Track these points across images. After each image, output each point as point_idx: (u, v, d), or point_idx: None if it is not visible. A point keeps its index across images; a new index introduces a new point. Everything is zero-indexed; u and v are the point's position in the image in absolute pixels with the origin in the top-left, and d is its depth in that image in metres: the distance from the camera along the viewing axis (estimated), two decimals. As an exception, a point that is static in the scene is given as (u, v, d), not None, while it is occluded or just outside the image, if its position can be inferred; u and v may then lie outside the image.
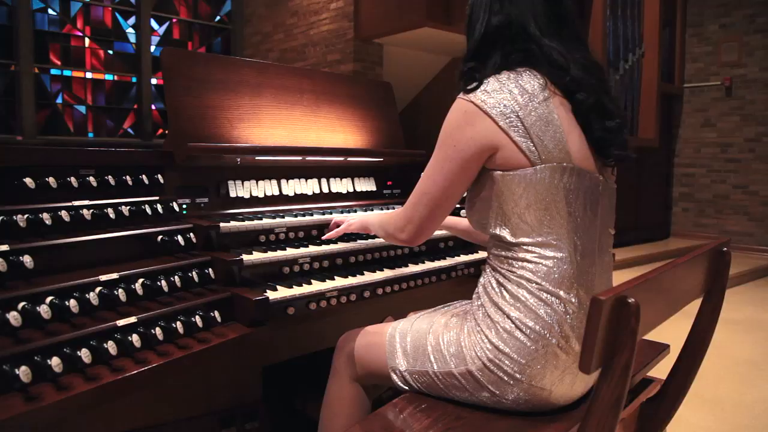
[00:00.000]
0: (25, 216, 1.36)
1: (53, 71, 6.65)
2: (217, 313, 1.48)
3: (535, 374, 1.19)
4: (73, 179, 1.53)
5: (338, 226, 1.82)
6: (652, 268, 1.09)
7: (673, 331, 1.78)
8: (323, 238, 1.86)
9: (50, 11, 6.61)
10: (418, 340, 1.36)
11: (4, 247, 1.27)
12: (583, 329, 1.17)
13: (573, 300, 1.19)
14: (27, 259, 1.27)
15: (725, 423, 2.58)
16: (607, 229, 1.31)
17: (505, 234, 1.23)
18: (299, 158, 2.12)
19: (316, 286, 1.66)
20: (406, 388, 1.37)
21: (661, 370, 1.56)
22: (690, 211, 7.65)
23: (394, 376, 1.38)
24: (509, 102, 1.19)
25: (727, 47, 7.19)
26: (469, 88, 1.24)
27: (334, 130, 2.34)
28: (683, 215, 7.73)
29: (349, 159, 2.29)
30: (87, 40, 6.90)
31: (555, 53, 1.23)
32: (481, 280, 1.33)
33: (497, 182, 1.22)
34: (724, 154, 7.28)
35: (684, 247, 6.57)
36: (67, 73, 6.75)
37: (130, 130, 7.23)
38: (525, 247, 1.21)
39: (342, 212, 2.06)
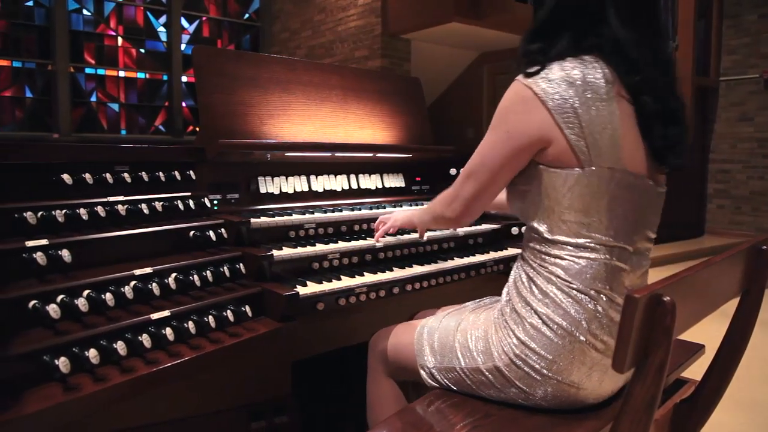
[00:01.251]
0: (63, 211, 1.39)
1: (88, 70, 6.81)
2: (248, 308, 1.50)
3: (562, 370, 1.17)
4: (108, 175, 1.56)
5: (384, 223, 1.81)
6: (687, 266, 1.06)
7: (708, 331, 1.73)
8: (375, 239, 1.83)
9: (85, 12, 6.77)
10: (446, 338, 1.36)
11: (44, 242, 1.31)
12: (613, 327, 1.15)
13: (604, 299, 1.17)
14: (65, 254, 1.31)
15: (762, 427, 2.51)
16: (648, 233, 1.26)
17: (543, 229, 1.21)
18: (328, 154, 2.13)
19: (346, 282, 1.66)
20: (435, 385, 1.37)
21: (694, 371, 1.53)
22: (725, 208, 7.46)
23: (423, 373, 1.39)
24: (570, 95, 1.13)
25: (767, 38, 6.97)
26: (529, 71, 1.17)
27: (362, 126, 2.34)
28: (718, 212, 7.54)
29: (377, 155, 2.29)
30: (120, 40, 7.04)
31: (629, 45, 1.15)
32: (512, 274, 1.32)
33: (542, 177, 1.19)
34: (763, 149, 7.07)
35: (719, 245, 6.41)
36: (100, 71, 6.91)
37: (161, 127, 7.37)
38: (560, 245, 1.19)
39: (371, 208, 2.07)
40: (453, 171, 2.58)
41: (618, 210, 1.16)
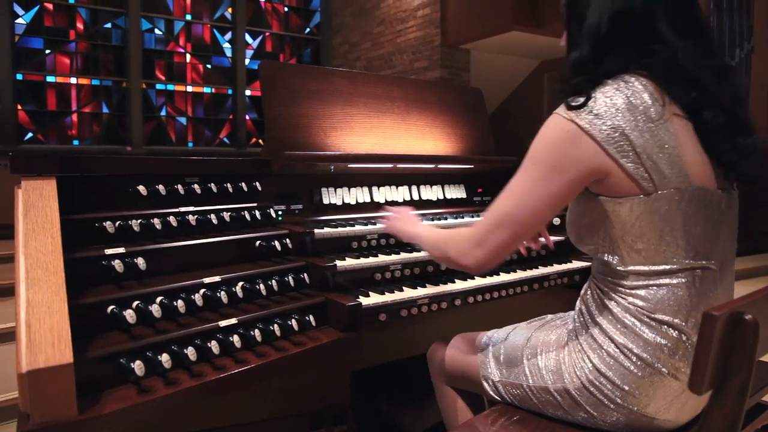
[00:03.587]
0: (139, 221, 1.46)
1: (158, 86, 7.15)
2: (311, 317, 1.52)
3: (639, 401, 1.11)
4: (179, 187, 1.63)
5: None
6: (771, 282, 1.00)
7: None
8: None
9: (156, 31, 7.12)
10: (514, 353, 1.32)
11: (121, 250, 1.38)
12: None
13: (690, 324, 1.08)
14: (140, 261, 1.37)
15: None
16: (730, 243, 1.16)
17: (614, 262, 1.12)
18: (390, 165, 2.14)
19: (408, 293, 1.66)
20: (498, 398, 1.35)
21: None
22: (808, 219, 7.00)
23: (486, 386, 1.37)
24: (618, 122, 1.04)
25: None
26: (573, 104, 1.08)
27: (423, 138, 2.35)
28: (800, 224, 7.08)
29: (439, 166, 2.28)
30: (188, 56, 7.35)
31: (685, 59, 1.06)
32: (586, 295, 1.24)
33: (606, 209, 1.10)
34: None
35: (802, 259, 6.01)
36: (170, 87, 7.23)
37: (225, 140, 7.62)
38: (636, 275, 1.10)
39: (433, 219, 2.06)
40: (515, 182, 2.54)
41: (695, 228, 1.07)
